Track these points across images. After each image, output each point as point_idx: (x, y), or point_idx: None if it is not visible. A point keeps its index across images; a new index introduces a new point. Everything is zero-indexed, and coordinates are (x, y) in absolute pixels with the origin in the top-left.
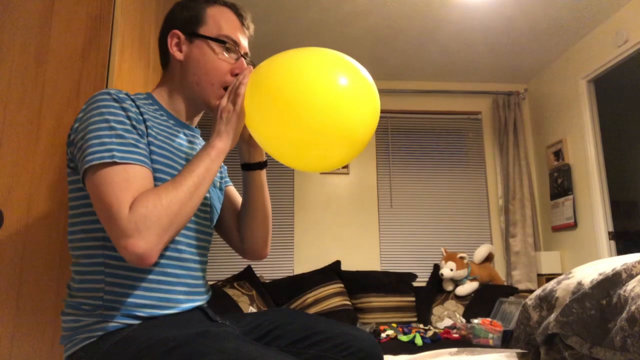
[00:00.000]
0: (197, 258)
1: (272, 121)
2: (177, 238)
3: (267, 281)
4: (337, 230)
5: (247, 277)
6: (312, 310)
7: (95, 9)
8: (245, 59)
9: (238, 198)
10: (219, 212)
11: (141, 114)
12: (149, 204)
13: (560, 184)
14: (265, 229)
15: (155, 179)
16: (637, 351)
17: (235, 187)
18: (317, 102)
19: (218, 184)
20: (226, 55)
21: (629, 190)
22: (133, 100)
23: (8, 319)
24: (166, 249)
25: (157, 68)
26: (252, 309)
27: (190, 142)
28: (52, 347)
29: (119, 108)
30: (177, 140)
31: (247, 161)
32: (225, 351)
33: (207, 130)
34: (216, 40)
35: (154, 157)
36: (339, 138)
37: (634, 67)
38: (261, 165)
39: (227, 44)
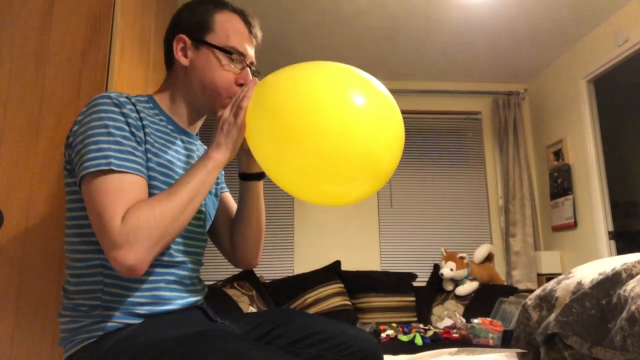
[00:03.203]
0: (191, 262)
1: (273, 142)
2: (171, 245)
3: (267, 281)
4: (337, 230)
5: (247, 277)
6: (312, 310)
7: (95, 9)
8: (250, 68)
9: (233, 205)
10: (212, 219)
11: (141, 119)
12: (141, 216)
13: (560, 183)
14: (258, 239)
15: (151, 186)
16: (637, 351)
17: (231, 193)
18: (327, 125)
19: (214, 191)
20: (232, 65)
21: (629, 190)
22: (134, 105)
23: (8, 319)
24: (160, 254)
25: (157, 68)
26: (252, 309)
27: (188, 149)
28: (52, 347)
29: (119, 113)
30: (175, 147)
31: (245, 171)
32: (225, 351)
33: (207, 133)
34: (223, 50)
35: (151, 164)
36: (358, 169)
37: (634, 67)
38: (259, 175)
39: (233, 54)
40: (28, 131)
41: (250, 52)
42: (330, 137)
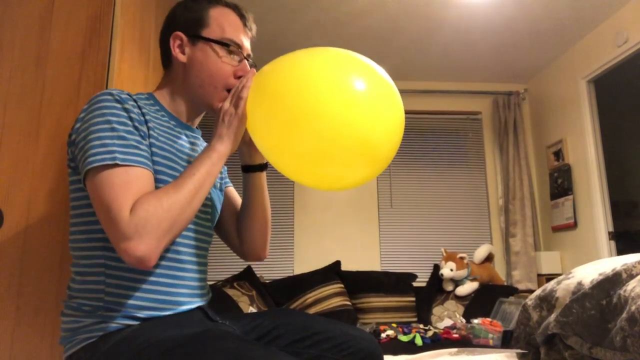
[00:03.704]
0: (196, 259)
1: (274, 129)
2: (177, 240)
3: (267, 281)
4: (337, 230)
5: (247, 277)
6: (312, 311)
7: (95, 9)
8: (247, 60)
9: (238, 199)
10: (219, 213)
11: (143, 114)
12: (149, 207)
13: (560, 184)
14: (265, 231)
15: (157, 180)
16: (637, 351)
17: (235, 188)
18: (326, 110)
19: (218, 185)
20: (229, 57)
21: (629, 190)
22: (135, 101)
23: (8, 319)
24: (165, 250)
25: (157, 68)
26: (252, 309)
27: (192, 143)
28: (52, 347)
29: (121, 109)
30: (179, 141)
31: (248, 163)
32: (225, 351)
33: (208, 131)
34: (219, 42)
35: (156, 158)
36: (357, 154)
37: (634, 67)
38: (262, 167)
39: (230, 46)
40: (28, 131)
41: (246, 44)
42: (328, 122)
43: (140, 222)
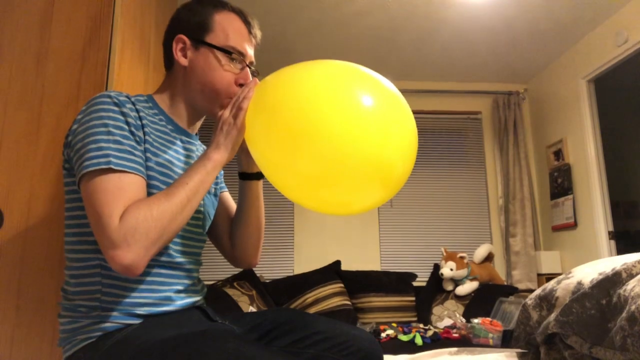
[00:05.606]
0: (189, 262)
1: (272, 145)
2: (170, 245)
3: (267, 281)
4: (337, 230)
5: (247, 277)
6: (312, 310)
7: (95, 9)
8: (250, 68)
9: (232, 205)
10: (212, 219)
11: (140, 118)
12: (139, 216)
13: (560, 183)
14: (258, 238)
15: (150, 186)
16: (637, 351)
17: (231, 192)
18: (329, 127)
19: (213, 190)
20: (231, 65)
21: (629, 190)
22: (133, 104)
23: (8, 319)
24: (159, 254)
25: (157, 68)
26: (252, 309)
27: (187, 149)
28: (52, 347)
29: (119, 112)
30: (174, 147)
31: (245, 171)
32: (225, 351)
33: (207, 133)
34: (222, 50)
35: (150, 164)
36: (367, 176)
37: (634, 67)
38: (259, 175)
39: (233, 54)
40: (28, 131)
41: (250, 52)
42: (332, 142)
43: (129, 230)
